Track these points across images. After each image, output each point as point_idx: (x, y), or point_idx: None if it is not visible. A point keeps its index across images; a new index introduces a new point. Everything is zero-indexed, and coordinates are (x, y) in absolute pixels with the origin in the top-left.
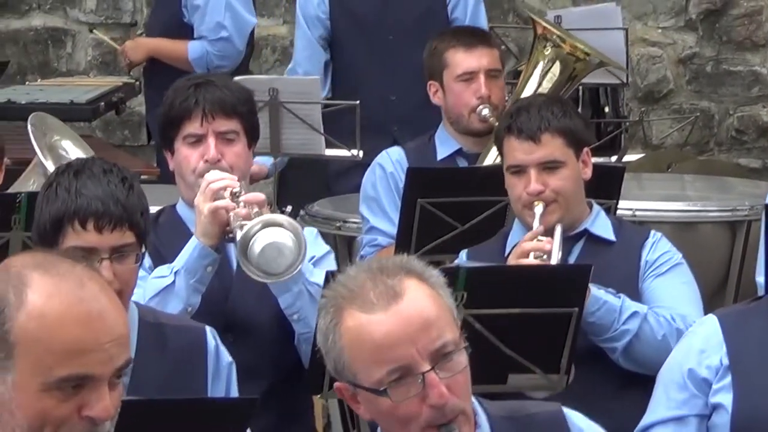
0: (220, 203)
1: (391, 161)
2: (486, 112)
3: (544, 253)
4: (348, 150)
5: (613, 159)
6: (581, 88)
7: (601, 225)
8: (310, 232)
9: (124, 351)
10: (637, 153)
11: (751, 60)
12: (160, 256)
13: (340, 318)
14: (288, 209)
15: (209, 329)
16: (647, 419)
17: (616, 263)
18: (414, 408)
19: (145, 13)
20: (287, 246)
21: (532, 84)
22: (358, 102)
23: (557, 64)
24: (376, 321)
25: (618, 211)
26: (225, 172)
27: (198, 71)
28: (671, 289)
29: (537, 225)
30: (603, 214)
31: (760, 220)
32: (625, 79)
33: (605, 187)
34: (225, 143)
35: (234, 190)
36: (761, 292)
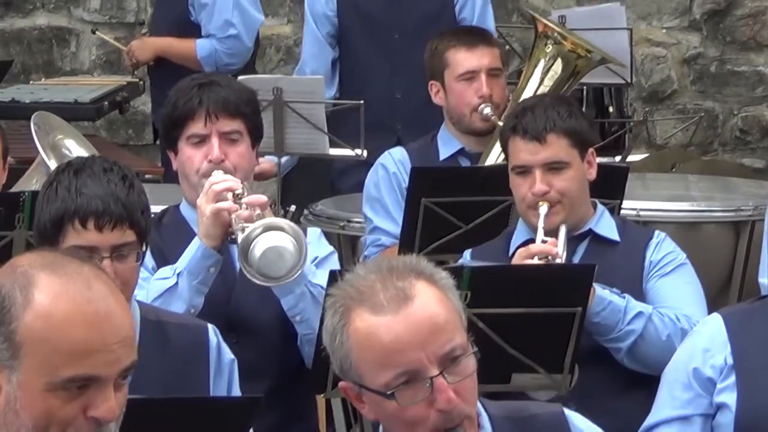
0: (222, 205)
1: (394, 161)
2: (488, 111)
3: (551, 257)
4: (352, 150)
5: (617, 159)
6: (585, 88)
7: (606, 225)
8: (313, 232)
9: (130, 352)
10: (641, 153)
11: (755, 60)
12: (163, 256)
13: (348, 319)
14: (292, 209)
15: (211, 326)
16: (652, 419)
17: (620, 263)
18: (421, 412)
19: (150, 13)
20: (288, 250)
21: (533, 82)
22: (362, 102)
23: (559, 61)
24: (385, 324)
25: (622, 211)
26: (228, 172)
27: (207, 69)
28: (675, 289)
29: (541, 225)
30: (607, 214)
31: (763, 220)
32: (629, 79)
33: (609, 187)
34: (229, 143)
35: (237, 191)
36: (765, 292)
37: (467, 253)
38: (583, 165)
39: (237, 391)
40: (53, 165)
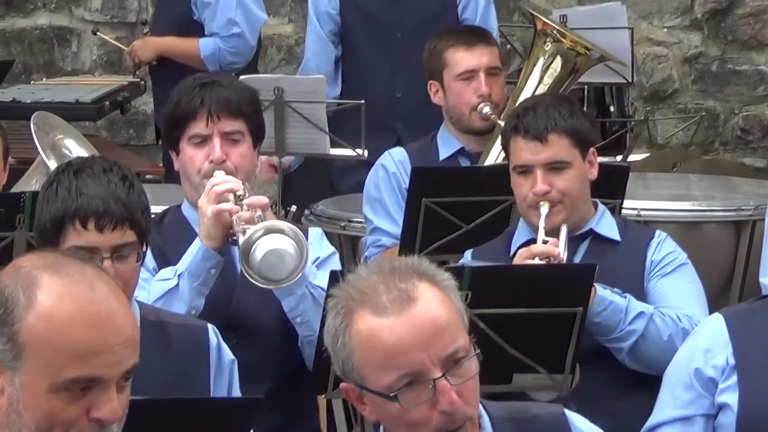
0: (223, 206)
1: (394, 162)
2: (487, 110)
3: (553, 258)
4: (353, 149)
5: (618, 158)
6: (586, 87)
7: (607, 225)
8: (315, 232)
9: (133, 354)
10: (642, 152)
11: (757, 59)
12: (164, 256)
13: (350, 320)
14: (292, 209)
15: (211, 327)
16: (654, 419)
17: (621, 263)
18: (423, 413)
19: (151, 12)
20: (289, 253)
21: (533, 80)
22: (363, 101)
23: (558, 59)
24: (388, 326)
25: (623, 211)
26: (230, 172)
27: (211, 68)
28: (676, 289)
29: (542, 225)
30: (608, 214)
31: (764, 219)
32: (631, 79)
33: (610, 187)
34: (230, 144)
35: (238, 193)
36: (766, 292)
37: (468, 253)
38: (585, 165)
39: (237, 392)
40: (53, 165)
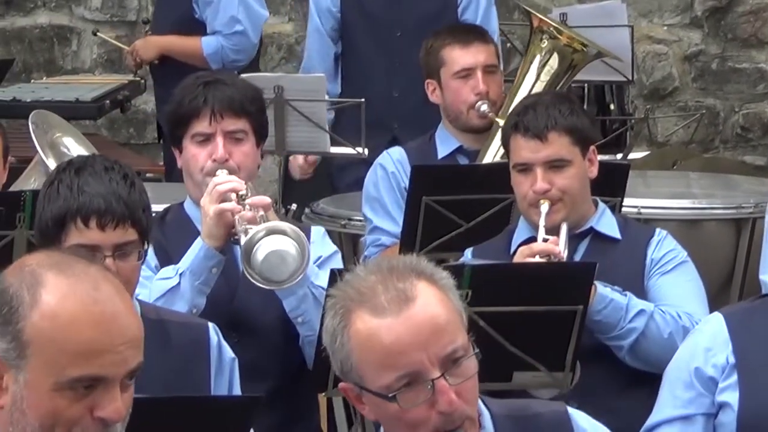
0: (225, 206)
1: (392, 161)
2: (485, 107)
3: (553, 256)
4: (353, 148)
5: (619, 156)
6: (587, 85)
7: (607, 223)
8: (317, 231)
9: (137, 353)
10: (643, 150)
11: (757, 57)
12: (166, 254)
13: (348, 320)
14: (293, 207)
15: (211, 325)
16: (654, 418)
17: (621, 261)
18: (422, 413)
19: (151, 11)
20: (290, 254)
21: (530, 77)
22: (363, 100)
23: (555, 56)
24: (386, 326)
25: (623, 209)
26: (233, 171)
27: (213, 66)
28: (677, 287)
29: (542, 224)
30: (608, 212)
31: (764, 217)
32: (631, 77)
33: (610, 185)
34: (233, 142)
35: (240, 192)
36: (766, 290)
37: (468, 252)
38: (585, 163)
39: (238, 390)
40: (51, 164)
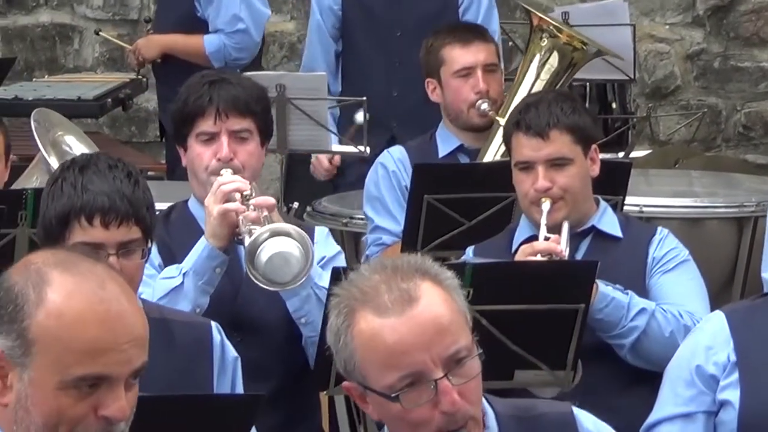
0: (230, 206)
1: (393, 160)
2: (485, 106)
3: (555, 255)
4: (355, 146)
5: (620, 155)
6: (588, 84)
7: (608, 221)
8: (321, 231)
9: (142, 352)
10: (644, 149)
11: (759, 56)
12: (170, 252)
13: (352, 320)
14: (295, 206)
15: (214, 324)
16: (655, 416)
17: (623, 260)
18: (425, 414)
19: (153, 10)
20: (294, 256)
21: (530, 76)
22: (365, 98)
23: (555, 54)
24: (389, 326)
25: (625, 207)
26: (237, 170)
27: (216, 65)
28: (678, 286)
29: (544, 222)
30: (610, 210)
31: (766, 216)
32: (633, 75)
33: (612, 183)
34: (238, 142)
35: (245, 192)
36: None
37: (470, 250)
38: (586, 161)
39: (240, 389)
40: (53, 162)
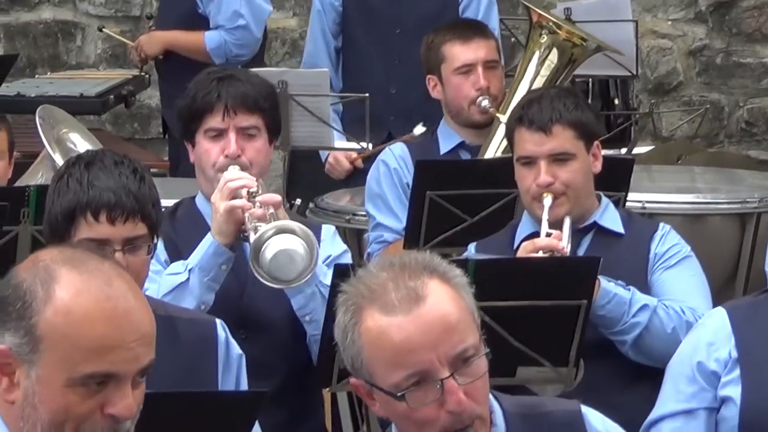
0: (236, 203)
1: (395, 157)
2: (486, 103)
3: (556, 252)
4: (357, 142)
5: (623, 151)
6: (591, 80)
7: (610, 217)
8: (328, 230)
9: (149, 350)
10: (647, 145)
11: (761, 52)
12: (176, 248)
13: (359, 317)
14: (297, 202)
15: (219, 322)
16: (656, 412)
17: (625, 256)
18: (431, 413)
19: (155, 6)
20: (299, 254)
21: (530, 72)
22: (367, 95)
23: (554, 50)
24: (396, 324)
25: (627, 203)
26: (244, 167)
27: (216, 61)
28: (680, 282)
29: (546, 217)
30: (612, 206)
31: None
32: (635, 71)
33: (615, 180)
34: (246, 138)
35: (251, 189)
36: None
37: (472, 247)
38: (589, 157)
39: (245, 386)
40: (58, 159)
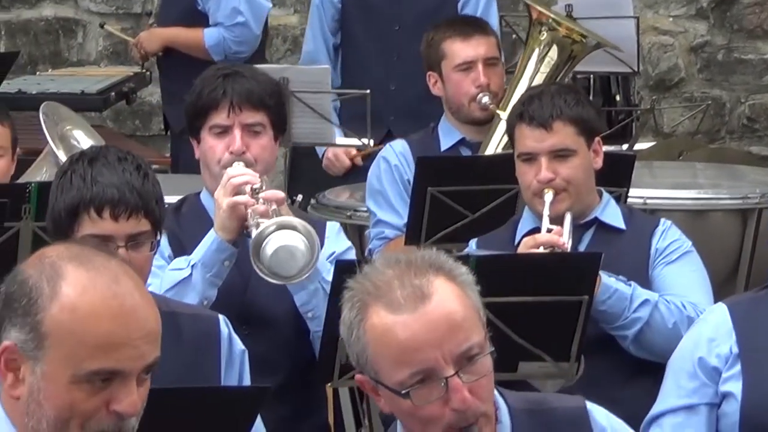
0: (239, 199)
1: (395, 154)
2: (486, 99)
3: (557, 247)
4: (359, 139)
5: (624, 147)
6: (592, 76)
7: (612, 213)
8: (332, 227)
9: (154, 348)
10: (648, 141)
11: (762, 48)
12: (181, 244)
13: (365, 314)
14: (298, 198)
15: (222, 317)
16: (657, 408)
17: (626, 251)
18: (436, 411)
19: (156, 3)
20: (299, 250)
21: (530, 69)
22: (368, 91)
23: (554, 47)
24: (401, 322)
25: (629, 199)
26: (249, 164)
27: (216, 58)
28: (681, 277)
29: (546, 213)
30: (613, 202)
31: None
32: (637, 68)
33: (616, 176)
34: (251, 135)
35: (255, 186)
36: None
37: (473, 242)
38: (590, 153)
39: (248, 382)
40: (62, 155)
